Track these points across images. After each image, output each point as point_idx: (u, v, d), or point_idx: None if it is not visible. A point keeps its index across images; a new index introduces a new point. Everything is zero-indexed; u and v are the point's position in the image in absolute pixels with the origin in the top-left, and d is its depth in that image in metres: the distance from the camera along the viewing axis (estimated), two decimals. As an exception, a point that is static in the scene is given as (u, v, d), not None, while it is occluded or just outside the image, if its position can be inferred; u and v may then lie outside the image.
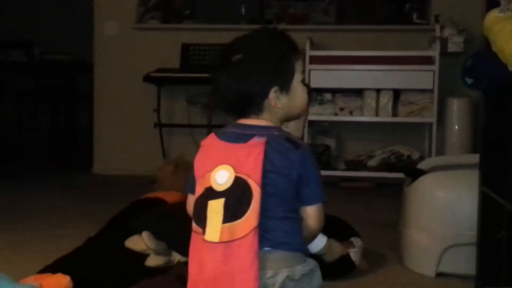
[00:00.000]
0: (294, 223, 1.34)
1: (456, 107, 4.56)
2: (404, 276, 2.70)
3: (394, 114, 4.62)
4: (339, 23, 5.49)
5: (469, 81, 2.34)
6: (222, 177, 1.31)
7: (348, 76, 4.60)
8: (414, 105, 4.59)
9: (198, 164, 1.37)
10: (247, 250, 1.26)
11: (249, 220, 1.27)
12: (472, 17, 4.63)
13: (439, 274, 2.67)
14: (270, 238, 1.30)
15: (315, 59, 4.57)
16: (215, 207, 1.30)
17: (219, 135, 1.37)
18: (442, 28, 4.61)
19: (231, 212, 1.28)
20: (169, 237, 2.52)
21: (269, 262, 1.30)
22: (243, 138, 1.34)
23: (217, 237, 1.28)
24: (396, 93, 4.62)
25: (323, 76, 4.57)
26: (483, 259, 2.40)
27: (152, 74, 4.88)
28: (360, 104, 4.64)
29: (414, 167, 3.41)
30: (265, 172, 1.30)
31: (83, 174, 5.14)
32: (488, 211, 2.33)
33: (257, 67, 1.35)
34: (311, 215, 1.35)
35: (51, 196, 4.28)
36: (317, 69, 4.55)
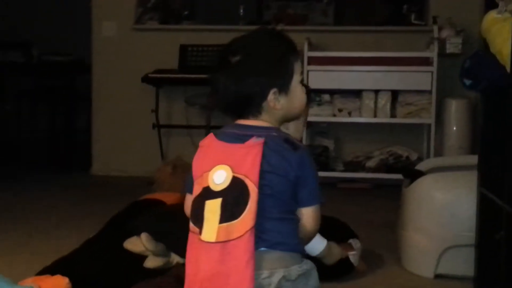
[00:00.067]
0: (290, 224, 1.33)
1: (455, 108, 4.56)
2: (403, 277, 2.70)
3: (393, 115, 4.62)
4: (337, 24, 5.50)
5: (468, 82, 2.34)
6: (219, 177, 1.31)
7: (346, 77, 4.60)
8: (412, 106, 4.59)
9: (196, 164, 1.37)
10: (243, 250, 1.26)
11: (246, 220, 1.27)
12: (470, 18, 4.63)
13: (438, 276, 2.67)
14: (266, 239, 1.30)
15: (313, 60, 4.57)
16: (212, 207, 1.30)
17: (217, 135, 1.37)
18: (440, 29, 4.62)
19: (228, 212, 1.28)
20: (168, 238, 2.52)
21: (265, 262, 1.29)
22: (242, 138, 1.33)
23: (214, 237, 1.28)
24: (394, 94, 4.62)
25: (322, 77, 4.57)
26: (481, 261, 2.41)
27: (151, 75, 4.88)
28: (359, 105, 4.64)
29: (412, 168, 3.41)
30: (263, 172, 1.29)
31: (81, 175, 5.13)
32: (487, 212, 2.33)
33: (256, 68, 1.35)
34: (307, 216, 1.35)
35: (50, 196, 4.28)
36: (316, 70, 4.56)
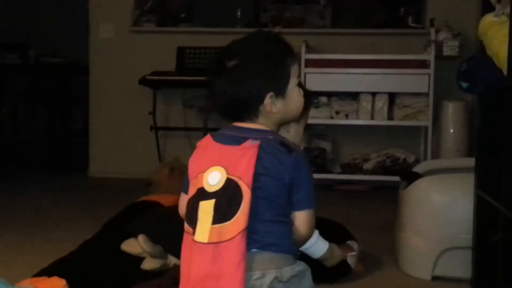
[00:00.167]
0: (283, 226, 1.34)
1: (451, 110, 4.57)
2: (400, 279, 2.70)
3: (390, 118, 4.63)
4: (335, 27, 5.50)
5: (464, 85, 2.35)
6: (214, 178, 1.31)
7: (343, 79, 4.61)
8: (410, 109, 4.60)
9: (193, 165, 1.37)
10: (234, 252, 1.26)
11: (238, 222, 1.27)
12: (467, 21, 4.64)
13: (435, 278, 2.67)
14: (258, 240, 1.30)
15: (311, 63, 4.57)
16: (206, 207, 1.30)
17: (214, 137, 1.38)
18: (437, 32, 4.63)
19: (221, 214, 1.28)
20: (165, 240, 2.52)
21: (256, 263, 1.30)
22: (238, 140, 1.34)
23: (206, 238, 1.28)
24: (392, 96, 4.63)
25: (319, 79, 4.58)
26: (478, 262, 2.41)
27: (148, 77, 4.87)
28: (356, 107, 4.64)
29: (409, 170, 3.42)
30: (257, 175, 1.30)
31: (79, 177, 5.13)
32: (484, 214, 2.33)
33: (252, 72, 1.35)
34: (301, 220, 1.35)
35: (47, 198, 4.27)
36: (313, 72, 4.56)
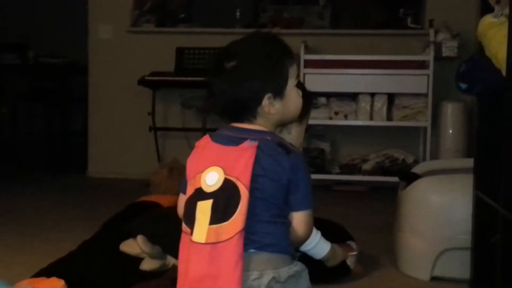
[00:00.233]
0: (281, 226, 1.34)
1: (450, 111, 4.57)
2: (399, 280, 2.70)
3: (389, 118, 4.63)
4: (334, 27, 5.50)
5: (463, 86, 2.35)
6: (211, 179, 1.31)
7: (342, 80, 4.61)
8: (409, 109, 4.61)
9: (191, 165, 1.37)
10: (231, 252, 1.26)
11: (236, 222, 1.27)
12: (466, 22, 4.64)
13: (434, 278, 2.67)
14: (256, 240, 1.30)
15: (309, 63, 4.58)
16: (204, 208, 1.30)
17: (213, 137, 1.38)
18: (436, 32, 4.63)
19: (219, 214, 1.29)
20: (164, 240, 2.52)
21: (254, 264, 1.30)
22: (236, 141, 1.34)
23: (204, 238, 1.28)
24: (391, 97, 4.63)
25: (318, 80, 4.58)
26: (477, 263, 2.41)
27: (147, 77, 4.87)
28: (355, 108, 4.64)
29: (408, 171, 3.42)
30: (255, 176, 1.30)
31: (77, 177, 5.13)
32: (483, 215, 2.34)
33: (251, 73, 1.35)
34: (299, 221, 1.35)
35: (46, 198, 4.27)
36: (312, 73, 4.56)
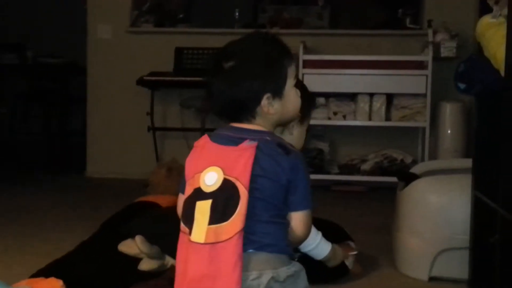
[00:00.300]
0: (280, 226, 1.34)
1: (449, 111, 4.58)
2: (397, 280, 2.70)
3: (387, 119, 4.63)
4: (333, 28, 5.51)
5: (462, 86, 2.35)
6: (211, 179, 1.31)
7: (341, 80, 4.61)
8: (407, 110, 4.61)
9: (189, 165, 1.37)
10: (231, 253, 1.26)
11: (235, 223, 1.27)
12: (464, 23, 4.65)
13: (432, 278, 2.67)
14: (255, 240, 1.30)
15: (308, 63, 4.58)
16: (203, 208, 1.30)
17: (212, 137, 1.38)
18: (434, 33, 4.63)
19: (218, 214, 1.28)
20: (163, 240, 2.51)
21: (253, 264, 1.30)
22: (235, 141, 1.34)
23: (203, 238, 1.28)
24: (389, 97, 4.63)
25: (317, 80, 4.58)
26: (476, 263, 2.41)
27: (146, 77, 4.88)
28: (354, 108, 4.65)
29: (407, 171, 3.42)
30: (254, 176, 1.30)
31: (76, 177, 5.13)
32: (481, 215, 2.34)
33: (250, 73, 1.35)
34: (297, 221, 1.35)
35: (45, 199, 4.27)
36: (311, 73, 4.56)
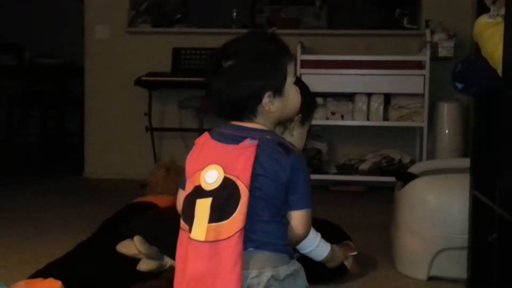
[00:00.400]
0: (280, 226, 1.34)
1: (447, 111, 4.58)
2: (396, 280, 2.70)
3: (385, 118, 4.64)
4: (330, 28, 5.51)
5: (460, 86, 2.35)
6: (211, 177, 1.31)
7: (339, 80, 4.62)
8: (405, 109, 4.61)
9: (190, 162, 1.37)
10: (231, 251, 1.26)
11: (235, 221, 1.27)
12: (462, 23, 4.66)
13: (431, 278, 2.68)
14: (255, 239, 1.30)
15: (306, 64, 4.58)
16: (203, 206, 1.30)
17: (212, 134, 1.37)
18: (432, 33, 4.63)
19: (218, 212, 1.28)
20: (161, 241, 2.51)
21: (253, 262, 1.30)
22: (236, 139, 1.33)
23: (203, 236, 1.28)
24: (387, 97, 4.64)
25: (314, 80, 4.57)
26: (474, 263, 2.42)
27: (143, 78, 4.87)
28: (351, 108, 4.65)
29: (405, 171, 3.42)
30: (255, 175, 1.30)
31: (74, 178, 5.12)
32: (479, 215, 2.34)
33: (250, 72, 1.35)
34: (297, 220, 1.35)
35: (43, 200, 4.26)
36: (308, 73, 4.56)
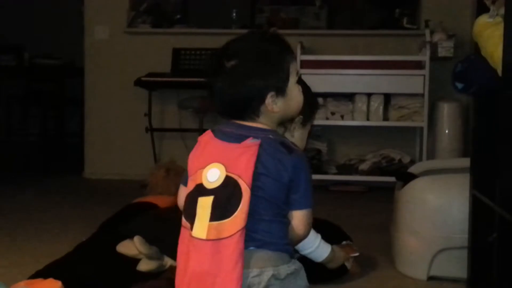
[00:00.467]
0: (281, 225, 1.34)
1: (447, 111, 4.58)
2: (396, 279, 2.70)
3: (385, 118, 4.64)
4: (330, 28, 5.51)
5: (460, 85, 2.35)
6: (213, 175, 1.31)
7: (339, 80, 4.61)
8: (405, 109, 4.61)
9: (192, 160, 1.37)
10: (232, 250, 1.26)
11: (237, 220, 1.27)
12: (461, 22, 4.66)
13: (431, 278, 2.68)
14: (256, 238, 1.30)
15: (306, 64, 4.57)
16: (204, 204, 1.30)
17: (215, 132, 1.37)
18: (432, 33, 4.63)
19: (219, 211, 1.28)
20: (161, 241, 2.51)
21: (254, 261, 1.30)
22: (239, 138, 1.33)
23: (204, 235, 1.28)
24: (387, 97, 4.63)
25: (314, 80, 4.49)
26: (474, 263, 2.42)
27: (143, 78, 4.87)
28: (351, 108, 4.65)
29: (405, 171, 3.42)
30: (257, 174, 1.30)
31: (74, 178, 5.12)
32: (479, 214, 2.34)
33: (252, 72, 1.34)
34: (298, 220, 1.35)
35: (43, 200, 4.26)
36: (308, 73, 4.54)
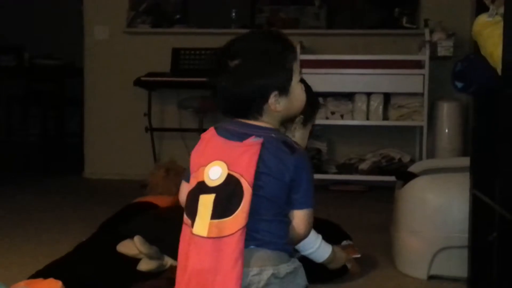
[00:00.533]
0: (281, 224, 1.34)
1: (446, 110, 4.58)
2: (396, 279, 2.70)
3: (385, 118, 4.64)
4: (329, 28, 5.51)
5: (459, 85, 2.36)
6: (215, 173, 1.31)
7: (338, 80, 4.61)
8: (405, 109, 4.61)
9: (195, 157, 1.37)
10: (232, 248, 1.26)
11: (238, 219, 1.27)
12: (461, 22, 4.66)
13: (431, 277, 2.68)
14: (257, 237, 1.30)
15: (306, 63, 4.56)
16: (206, 202, 1.30)
17: (218, 130, 1.37)
18: (431, 32, 4.63)
19: (220, 209, 1.29)
20: (161, 241, 2.51)
21: (254, 260, 1.30)
22: (241, 136, 1.33)
23: (205, 232, 1.28)
24: (387, 96, 4.63)
25: (314, 80, 4.44)
26: (474, 262, 2.42)
27: (143, 78, 4.87)
28: (351, 108, 4.65)
29: (405, 170, 3.42)
30: (259, 173, 1.30)
31: (74, 178, 5.12)
32: (479, 214, 2.34)
33: (255, 71, 1.34)
34: (299, 219, 1.36)
35: (43, 200, 4.26)
36: (308, 73, 4.50)
